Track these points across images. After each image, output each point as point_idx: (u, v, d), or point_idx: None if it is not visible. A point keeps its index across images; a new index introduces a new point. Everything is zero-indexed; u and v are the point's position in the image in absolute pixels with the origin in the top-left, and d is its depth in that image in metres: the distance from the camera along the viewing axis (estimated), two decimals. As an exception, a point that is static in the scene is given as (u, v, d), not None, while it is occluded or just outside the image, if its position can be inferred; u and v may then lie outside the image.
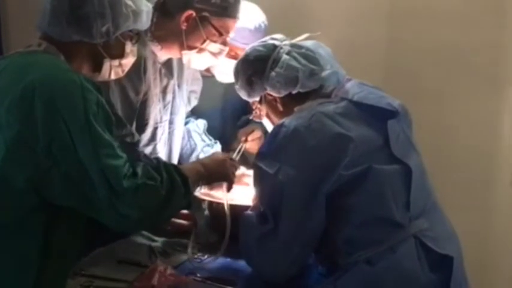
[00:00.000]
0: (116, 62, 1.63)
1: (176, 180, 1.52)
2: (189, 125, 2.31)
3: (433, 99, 2.61)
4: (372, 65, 2.59)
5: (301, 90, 1.67)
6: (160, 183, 1.48)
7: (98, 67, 1.61)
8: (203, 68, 2.17)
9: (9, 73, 1.46)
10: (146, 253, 1.78)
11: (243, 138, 2.23)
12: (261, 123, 2.13)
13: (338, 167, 1.47)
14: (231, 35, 1.99)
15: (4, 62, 1.52)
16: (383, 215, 1.49)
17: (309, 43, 1.73)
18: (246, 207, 1.77)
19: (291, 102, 1.70)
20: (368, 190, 1.48)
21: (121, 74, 1.68)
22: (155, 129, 2.05)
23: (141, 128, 1.99)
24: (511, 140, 2.59)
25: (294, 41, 1.75)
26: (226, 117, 2.51)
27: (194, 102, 2.24)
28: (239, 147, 2.20)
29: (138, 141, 1.97)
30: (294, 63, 1.67)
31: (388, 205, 1.49)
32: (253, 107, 1.85)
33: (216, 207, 1.86)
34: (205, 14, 1.88)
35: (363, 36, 2.64)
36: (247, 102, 2.48)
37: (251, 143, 2.23)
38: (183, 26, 1.88)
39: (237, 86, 1.83)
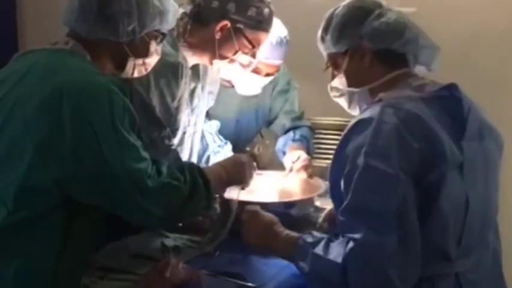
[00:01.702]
0: (139, 61, 1.66)
1: (198, 182, 1.56)
2: (203, 126, 2.35)
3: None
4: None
5: (399, 50, 1.53)
6: (184, 183, 1.53)
7: (121, 65, 1.64)
8: (231, 78, 2.20)
9: (38, 72, 1.48)
10: (159, 248, 1.81)
11: (290, 166, 2.29)
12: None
13: (434, 172, 1.34)
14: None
15: (31, 59, 1.54)
16: (436, 242, 1.37)
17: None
18: (262, 205, 1.80)
19: (380, 63, 1.56)
20: (435, 210, 1.35)
21: (144, 73, 1.71)
22: (183, 133, 2.09)
23: (173, 133, 2.03)
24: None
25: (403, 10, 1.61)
26: (240, 128, 2.56)
27: (211, 103, 2.28)
28: (287, 172, 2.27)
29: (173, 145, 2.01)
30: (400, 19, 1.55)
31: (445, 234, 1.37)
32: (328, 62, 1.67)
33: (227, 206, 1.90)
34: (240, 25, 1.90)
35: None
36: (260, 115, 2.53)
37: (298, 168, 2.28)
38: (217, 36, 1.91)
39: (321, 35, 1.65)
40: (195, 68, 2.06)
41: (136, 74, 1.69)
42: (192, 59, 2.01)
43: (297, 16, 2.87)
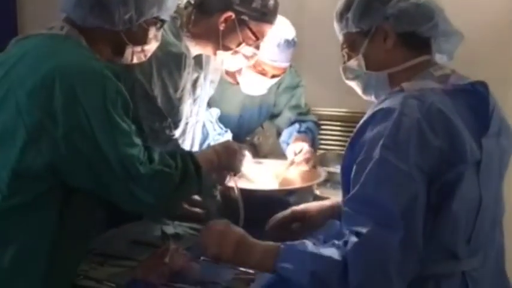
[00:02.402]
0: (138, 48, 1.64)
1: (190, 169, 1.56)
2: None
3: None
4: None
5: (425, 33, 1.46)
6: (175, 170, 1.52)
7: (119, 52, 1.62)
8: (235, 69, 2.20)
9: (32, 57, 1.48)
10: (159, 235, 1.81)
11: (292, 158, 2.27)
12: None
13: (454, 170, 1.31)
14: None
15: (27, 44, 1.54)
16: (447, 241, 1.34)
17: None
18: (258, 192, 1.80)
19: (403, 47, 1.48)
20: (449, 209, 1.32)
21: (143, 59, 1.69)
22: (186, 124, 2.08)
23: (175, 124, 2.02)
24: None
25: None
26: (242, 122, 2.57)
27: (211, 92, 2.27)
28: (288, 163, 2.25)
29: (173, 135, 2.01)
30: (430, 4, 1.47)
31: (455, 233, 1.34)
32: (344, 44, 1.59)
33: (228, 194, 1.90)
34: (244, 17, 1.89)
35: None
36: (264, 111, 2.51)
37: (300, 161, 2.27)
38: (221, 27, 1.89)
39: (340, 13, 1.56)
40: (198, 58, 2.05)
41: (135, 60, 1.68)
42: (195, 49, 1.99)
43: (300, 10, 2.87)
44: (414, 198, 1.27)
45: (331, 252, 1.29)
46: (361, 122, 1.40)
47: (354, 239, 1.27)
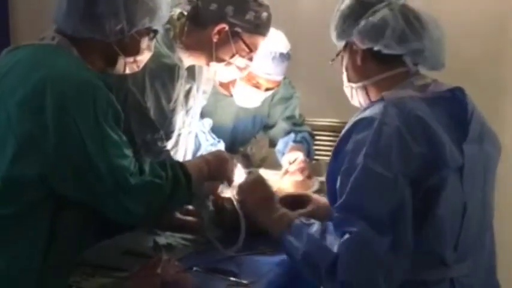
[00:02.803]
0: (130, 59, 1.63)
1: (180, 178, 1.55)
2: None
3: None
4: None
5: (383, 50, 1.49)
6: (166, 180, 1.51)
7: (111, 62, 1.62)
8: (228, 80, 2.20)
9: (22, 67, 1.48)
10: (150, 245, 1.79)
11: (286, 168, 2.30)
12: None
13: (436, 175, 1.35)
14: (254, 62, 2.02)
15: (18, 54, 1.54)
16: (432, 247, 1.37)
17: (425, 15, 1.53)
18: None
19: (371, 61, 1.53)
20: (433, 214, 1.35)
21: (136, 69, 1.69)
22: (179, 135, 2.08)
23: (168, 136, 2.02)
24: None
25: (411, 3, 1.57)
26: (236, 132, 2.57)
27: (203, 102, 2.27)
28: (282, 173, 2.26)
29: (165, 147, 2.00)
30: (389, 18, 1.49)
31: (441, 239, 1.37)
32: (337, 54, 1.66)
33: (221, 204, 1.90)
34: (238, 29, 1.90)
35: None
36: (258, 122, 2.51)
37: (294, 170, 2.29)
38: (215, 39, 1.90)
39: (333, 24, 1.63)
40: (191, 69, 2.06)
41: (128, 71, 1.68)
42: (188, 60, 2.00)
43: (293, 20, 2.88)
44: (401, 204, 1.32)
45: (330, 242, 1.36)
46: (344, 131, 1.45)
47: (346, 236, 1.33)
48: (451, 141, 1.39)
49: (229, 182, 1.79)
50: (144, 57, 1.68)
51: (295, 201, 1.75)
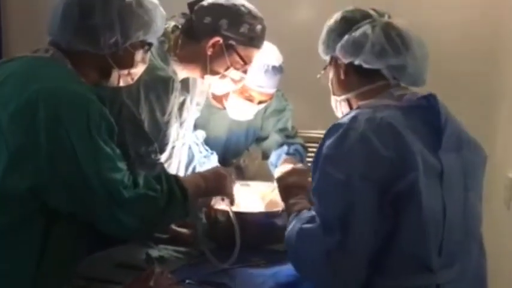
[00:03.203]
0: (124, 72, 1.63)
1: (175, 192, 1.55)
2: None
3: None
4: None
5: (363, 64, 1.55)
6: (161, 193, 1.51)
7: (106, 75, 1.61)
8: (222, 93, 2.20)
9: (16, 79, 1.48)
10: (143, 258, 1.79)
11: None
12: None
13: (405, 180, 1.37)
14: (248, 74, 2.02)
15: (12, 66, 1.53)
16: (416, 252, 1.39)
17: (412, 33, 1.58)
18: (244, 214, 1.79)
19: (354, 75, 1.59)
20: (413, 217, 1.38)
21: (130, 82, 1.69)
22: (173, 148, 2.08)
23: (162, 148, 2.02)
24: (505, 155, 2.63)
25: (396, 21, 1.61)
26: (229, 144, 2.57)
27: (197, 114, 2.27)
28: (275, 185, 2.24)
29: (159, 159, 1.99)
30: (370, 34, 1.54)
31: (424, 243, 1.39)
32: (324, 68, 1.72)
33: (214, 216, 1.90)
34: (232, 42, 1.90)
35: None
36: (251, 134, 2.51)
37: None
38: (209, 51, 1.90)
39: (321, 39, 1.69)
40: (185, 81, 2.06)
41: (122, 83, 1.68)
42: (182, 73, 2.00)
43: (286, 33, 2.89)
44: (351, 206, 1.37)
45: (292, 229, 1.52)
46: (321, 140, 1.50)
47: (303, 226, 1.47)
48: (427, 149, 1.42)
49: (230, 197, 1.79)
50: (138, 70, 1.68)
51: None
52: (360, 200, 1.37)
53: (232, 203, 1.81)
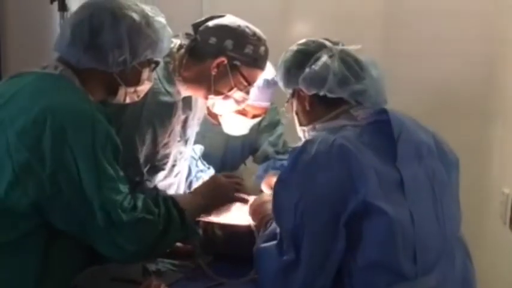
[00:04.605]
0: (131, 89, 1.65)
1: (173, 214, 1.56)
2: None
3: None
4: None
5: (328, 94, 1.61)
6: (158, 216, 1.53)
7: (112, 92, 1.63)
8: (224, 113, 2.21)
9: (24, 96, 1.49)
10: (140, 271, 1.78)
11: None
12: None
13: (356, 197, 1.41)
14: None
15: (21, 82, 1.54)
16: (388, 262, 1.41)
17: (364, 57, 1.66)
18: (241, 227, 1.81)
19: (318, 105, 1.65)
20: (378, 230, 1.41)
21: (136, 99, 1.71)
22: (173, 166, 2.09)
23: (161, 167, 2.03)
24: (501, 171, 2.64)
25: (349, 48, 1.69)
26: (225, 161, 2.59)
27: (197, 129, 2.28)
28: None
29: (147, 180, 2.00)
30: (330, 64, 1.61)
31: (395, 252, 1.41)
32: (287, 101, 1.79)
33: (208, 228, 1.90)
34: (237, 62, 1.92)
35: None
36: (247, 148, 2.51)
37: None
38: (213, 72, 1.92)
39: (277, 76, 1.78)
40: (187, 98, 2.07)
41: (128, 100, 1.70)
42: (186, 92, 2.01)
43: (280, 47, 2.90)
44: (302, 227, 1.42)
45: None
46: None
47: (265, 244, 1.54)
48: (383, 161, 1.46)
49: (236, 201, 1.81)
50: (144, 88, 1.70)
51: None
52: (309, 221, 1.42)
53: (244, 201, 1.84)
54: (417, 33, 2.91)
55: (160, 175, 2.05)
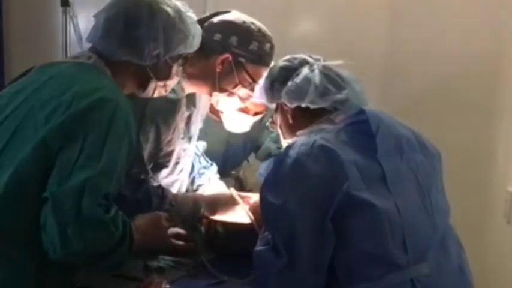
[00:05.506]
0: (161, 83, 1.67)
1: (126, 239, 1.47)
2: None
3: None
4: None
5: (310, 106, 1.66)
6: (117, 232, 1.43)
7: (143, 85, 1.65)
8: (228, 110, 2.20)
9: (56, 83, 1.50)
10: (141, 269, 1.78)
11: None
12: None
13: (340, 191, 1.44)
14: None
15: (53, 70, 1.55)
16: (379, 252, 1.44)
17: (345, 72, 1.70)
18: (243, 225, 1.80)
19: (302, 117, 1.69)
20: (365, 221, 1.44)
21: (164, 94, 1.73)
22: (176, 163, 2.08)
23: (164, 164, 2.02)
24: (505, 169, 2.63)
25: (331, 63, 1.72)
26: (227, 158, 2.57)
27: (200, 125, 2.27)
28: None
29: (151, 177, 1.98)
30: (311, 77, 1.66)
31: (385, 242, 1.44)
32: (271, 117, 1.85)
33: (210, 226, 1.90)
34: (241, 59, 1.91)
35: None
36: (248, 146, 2.51)
37: None
38: (218, 69, 1.91)
39: (261, 91, 1.81)
40: (191, 95, 2.06)
41: (156, 95, 1.71)
42: (190, 89, 2.00)
43: (281, 46, 2.90)
44: (292, 228, 1.45)
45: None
46: None
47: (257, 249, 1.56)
48: (364, 156, 1.51)
49: (170, 247, 1.73)
50: (173, 82, 1.72)
51: None
52: (298, 222, 1.45)
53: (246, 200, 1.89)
54: (422, 30, 2.90)
55: (164, 172, 2.04)
